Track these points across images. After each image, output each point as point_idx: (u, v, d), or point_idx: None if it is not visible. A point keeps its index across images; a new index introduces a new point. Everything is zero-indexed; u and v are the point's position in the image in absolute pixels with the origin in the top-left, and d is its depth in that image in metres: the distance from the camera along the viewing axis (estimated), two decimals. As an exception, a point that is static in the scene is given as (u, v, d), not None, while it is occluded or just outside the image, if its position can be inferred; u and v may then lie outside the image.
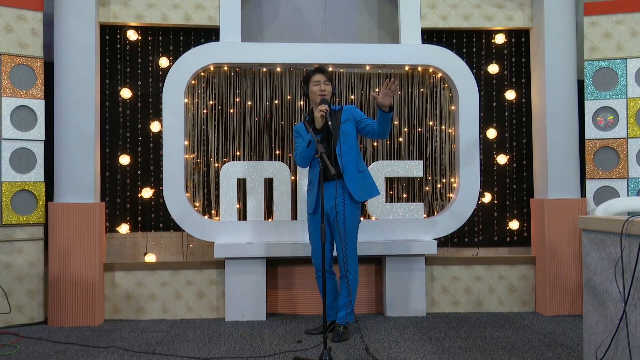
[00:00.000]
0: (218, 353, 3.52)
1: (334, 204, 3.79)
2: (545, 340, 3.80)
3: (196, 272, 4.54)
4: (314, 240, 3.90)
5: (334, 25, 5.03)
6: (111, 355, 3.48)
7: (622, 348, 2.57)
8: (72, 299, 4.25)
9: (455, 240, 4.89)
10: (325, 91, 3.86)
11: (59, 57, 4.33)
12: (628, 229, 2.50)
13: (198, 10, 4.61)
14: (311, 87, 3.90)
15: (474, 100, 4.69)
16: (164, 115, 4.50)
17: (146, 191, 4.71)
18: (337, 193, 3.77)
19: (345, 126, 3.86)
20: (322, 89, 3.85)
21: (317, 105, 3.87)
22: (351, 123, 3.88)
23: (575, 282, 4.52)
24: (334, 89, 3.93)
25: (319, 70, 3.94)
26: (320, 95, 3.86)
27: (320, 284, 3.78)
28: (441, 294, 4.69)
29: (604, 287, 2.74)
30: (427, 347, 3.63)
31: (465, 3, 4.79)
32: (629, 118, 4.51)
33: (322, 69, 3.95)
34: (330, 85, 3.91)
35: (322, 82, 3.87)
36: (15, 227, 4.24)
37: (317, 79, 3.89)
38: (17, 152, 4.24)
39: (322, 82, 3.87)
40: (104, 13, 4.51)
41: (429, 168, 4.85)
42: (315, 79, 3.89)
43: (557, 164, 4.59)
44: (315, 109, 3.89)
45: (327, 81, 3.89)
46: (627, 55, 4.55)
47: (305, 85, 3.95)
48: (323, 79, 3.88)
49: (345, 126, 3.86)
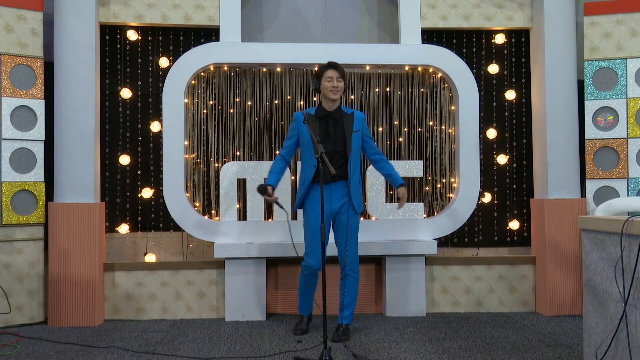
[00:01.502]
0: (218, 353, 3.52)
1: (339, 204, 3.81)
2: (545, 340, 3.80)
3: (196, 272, 4.54)
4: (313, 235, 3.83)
5: (334, 25, 5.03)
6: (111, 355, 3.48)
7: (622, 348, 2.57)
8: (72, 299, 4.25)
9: (455, 240, 4.89)
10: (337, 87, 3.81)
11: (59, 57, 4.33)
12: (628, 229, 2.50)
13: (198, 10, 4.61)
14: (323, 83, 3.83)
15: (474, 100, 4.69)
16: (164, 115, 4.50)
17: (146, 191, 4.71)
18: (342, 193, 3.81)
19: (356, 136, 3.85)
20: (335, 85, 3.80)
21: (328, 100, 3.84)
22: (360, 135, 3.89)
23: (575, 282, 4.52)
24: (346, 86, 3.89)
25: (332, 66, 3.84)
26: (332, 91, 3.80)
27: (309, 281, 3.88)
28: (441, 294, 4.69)
29: (604, 287, 2.74)
30: (427, 347, 3.63)
31: (465, 3, 4.79)
32: (629, 118, 4.51)
33: (336, 65, 3.86)
34: (343, 82, 3.85)
35: (335, 79, 3.81)
36: (15, 227, 4.24)
37: (330, 74, 3.81)
38: (17, 152, 4.24)
39: (334, 79, 3.81)
40: (104, 13, 4.51)
41: (429, 168, 4.85)
42: (328, 75, 3.81)
43: (557, 164, 4.59)
44: (325, 104, 3.86)
45: (339, 77, 3.82)
46: (627, 55, 4.55)
47: (318, 80, 3.87)
48: (336, 75, 3.82)
49: (356, 136, 3.85)
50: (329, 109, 3.85)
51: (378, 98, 4.86)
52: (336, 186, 3.81)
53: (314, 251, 3.81)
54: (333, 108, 3.86)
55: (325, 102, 3.87)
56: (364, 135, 3.91)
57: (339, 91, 3.82)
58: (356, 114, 3.92)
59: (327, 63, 3.89)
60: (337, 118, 3.85)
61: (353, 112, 3.92)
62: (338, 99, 3.85)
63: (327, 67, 3.85)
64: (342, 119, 3.85)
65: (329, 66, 3.85)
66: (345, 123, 3.83)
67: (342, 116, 3.86)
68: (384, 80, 4.87)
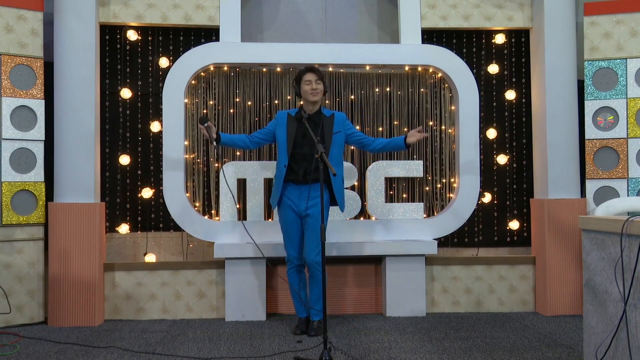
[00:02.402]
0: (218, 353, 3.52)
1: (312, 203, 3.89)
2: (545, 340, 3.80)
3: (196, 272, 4.54)
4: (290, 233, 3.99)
5: (334, 25, 5.03)
6: (111, 355, 3.48)
7: (622, 348, 2.57)
8: (72, 299, 4.25)
9: (455, 240, 4.89)
10: (317, 90, 3.90)
11: (59, 57, 4.33)
12: (628, 229, 2.51)
13: (198, 10, 4.61)
14: (303, 86, 3.93)
15: (474, 100, 4.69)
16: (164, 115, 4.50)
17: (146, 191, 4.71)
18: (317, 195, 3.88)
19: (337, 137, 3.95)
20: (314, 88, 3.89)
21: (309, 103, 3.94)
22: (342, 135, 3.98)
23: (575, 282, 4.52)
24: (325, 88, 3.98)
25: (310, 70, 3.95)
26: (312, 94, 3.90)
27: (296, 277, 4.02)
28: (441, 294, 4.69)
29: (604, 287, 2.74)
30: (427, 347, 3.63)
31: (465, 3, 4.79)
32: (629, 118, 4.51)
33: (313, 68, 3.97)
34: (322, 84, 3.94)
35: (314, 81, 3.90)
36: (15, 227, 4.24)
37: (308, 78, 3.92)
38: (17, 152, 4.24)
39: (313, 82, 3.90)
40: (104, 13, 4.51)
41: (429, 168, 4.85)
42: (307, 78, 3.92)
43: (557, 164, 4.59)
44: (306, 107, 3.96)
45: (318, 80, 3.92)
46: (627, 55, 4.55)
47: (297, 84, 3.98)
48: (314, 78, 3.91)
49: (337, 137, 3.95)
50: (309, 112, 3.94)
51: (378, 98, 4.86)
52: (312, 188, 3.89)
53: (291, 244, 3.97)
54: (313, 111, 3.96)
55: (306, 105, 3.98)
56: (347, 134, 4.02)
57: (319, 93, 3.92)
58: (336, 115, 4.02)
59: (305, 67, 4.01)
60: (317, 121, 3.92)
61: (333, 113, 4.01)
62: (318, 100, 3.95)
63: (305, 71, 3.95)
64: (322, 121, 3.93)
65: (307, 70, 3.95)
66: (325, 125, 3.91)
67: (322, 118, 3.94)
68: (384, 80, 4.87)
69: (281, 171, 3.94)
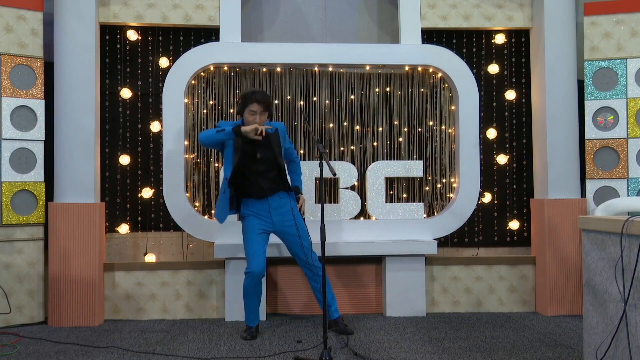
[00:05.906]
0: (218, 353, 3.52)
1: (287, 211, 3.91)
2: (545, 340, 3.80)
3: (196, 272, 4.54)
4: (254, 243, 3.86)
5: (334, 25, 5.03)
6: (111, 355, 3.48)
7: (622, 348, 2.58)
8: (72, 299, 4.25)
9: (455, 240, 4.89)
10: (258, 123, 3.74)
11: (59, 57, 4.33)
12: (628, 229, 2.51)
13: (198, 10, 4.61)
14: (246, 115, 3.75)
15: (474, 100, 4.69)
16: (164, 115, 4.50)
17: (146, 191, 4.71)
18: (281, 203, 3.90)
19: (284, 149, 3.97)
20: (257, 122, 3.73)
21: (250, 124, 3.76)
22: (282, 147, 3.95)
23: (575, 282, 4.52)
24: (270, 117, 3.88)
25: (256, 100, 3.72)
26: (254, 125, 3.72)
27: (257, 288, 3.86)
28: (441, 294, 4.69)
29: (604, 287, 2.74)
30: (427, 347, 3.63)
31: (465, 3, 4.79)
32: (629, 118, 4.51)
33: (260, 99, 3.72)
34: (267, 114, 3.80)
35: (259, 114, 3.74)
36: (15, 227, 4.24)
37: (254, 108, 3.73)
38: (17, 152, 4.24)
39: (258, 114, 3.74)
40: (104, 13, 4.51)
41: (429, 168, 4.85)
42: (252, 109, 3.73)
43: (557, 164, 4.59)
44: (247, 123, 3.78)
45: (263, 112, 3.76)
46: (627, 55, 4.55)
47: (242, 107, 3.78)
48: (260, 110, 3.74)
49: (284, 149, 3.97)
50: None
51: (378, 98, 4.86)
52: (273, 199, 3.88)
53: (254, 257, 3.81)
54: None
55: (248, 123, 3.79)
56: (284, 148, 3.97)
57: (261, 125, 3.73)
58: (279, 128, 3.91)
59: (253, 93, 3.76)
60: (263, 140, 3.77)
61: (275, 128, 3.87)
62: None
63: (252, 100, 3.73)
64: (269, 138, 3.81)
65: (255, 99, 3.72)
66: (273, 141, 3.83)
67: (268, 136, 3.80)
68: (384, 80, 4.87)
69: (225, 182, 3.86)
